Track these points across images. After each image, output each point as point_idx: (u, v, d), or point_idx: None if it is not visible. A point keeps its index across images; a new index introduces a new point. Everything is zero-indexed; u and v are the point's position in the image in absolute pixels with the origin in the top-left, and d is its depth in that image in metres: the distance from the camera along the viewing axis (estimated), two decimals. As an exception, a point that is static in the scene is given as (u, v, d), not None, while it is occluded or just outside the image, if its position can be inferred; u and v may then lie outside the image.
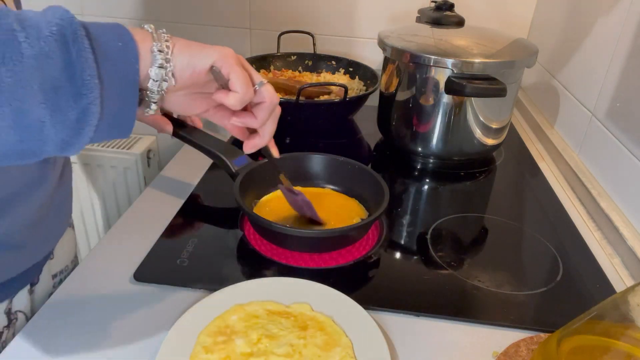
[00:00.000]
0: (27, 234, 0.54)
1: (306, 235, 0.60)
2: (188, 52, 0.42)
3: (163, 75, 0.41)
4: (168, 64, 0.41)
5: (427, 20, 0.90)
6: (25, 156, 0.36)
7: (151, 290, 0.55)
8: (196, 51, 0.43)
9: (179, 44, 0.42)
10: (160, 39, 0.40)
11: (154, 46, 0.40)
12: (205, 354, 0.45)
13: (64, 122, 0.35)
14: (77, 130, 0.36)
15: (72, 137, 0.36)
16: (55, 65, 0.34)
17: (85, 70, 0.35)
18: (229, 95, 0.44)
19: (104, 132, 0.38)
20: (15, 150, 0.35)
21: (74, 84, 0.34)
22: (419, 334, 0.52)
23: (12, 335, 0.55)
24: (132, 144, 1.40)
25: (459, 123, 0.82)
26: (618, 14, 0.79)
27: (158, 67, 0.40)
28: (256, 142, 0.51)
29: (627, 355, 0.39)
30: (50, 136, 0.35)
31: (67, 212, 0.64)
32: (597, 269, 0.63)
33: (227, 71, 0.43)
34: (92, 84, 0.35)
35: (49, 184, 0.55)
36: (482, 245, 0.68)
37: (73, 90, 0.35)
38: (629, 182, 0.70)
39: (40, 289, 0.61)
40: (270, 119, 0.49)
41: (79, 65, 0.34)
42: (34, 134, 0.34)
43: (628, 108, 0.73)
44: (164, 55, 0.40)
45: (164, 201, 0.72)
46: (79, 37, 0.35)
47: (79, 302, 0.53)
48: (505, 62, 0.77)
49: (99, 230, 1.49)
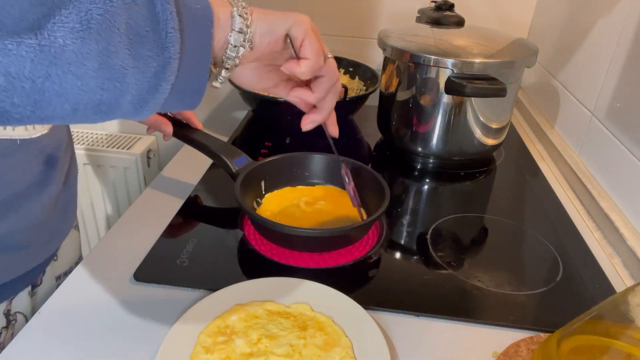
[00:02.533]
0: (31, 235, 0.54)
1: (306, 235, 0.60)
2: (267, 18, 0.42)
3: (242, 40, 0.40)
4: (248, 29, 0.40)
5: (427, 20, 0.90)
6: (101, 109, 0.35)
7: (151, 290, 0.55)
8: (275, 17, 0.43)
9: (257, 10, 0.42)
10: (238, 5, 0.40)
11: (234, 11, 0.40)
12: (205, 354, 0.45)
13: (145, 73, 0.35)
14: (154, 85, 0.35)
15: (149, 92, 0.36)
16: (140, 12, 0.33)
17: (169, 23, 0.34)
18: (300, 63, 0.43)
19: (176, 95, 0.38)
20: (94, 100, 0.34)
21: (158, 34, 0.34)
22: (419, 334, 0.52)
23: (10, 337, 0.55)
24: (132, 144, 1.40)
25: (459, 123, 0.82)
26: (618, 14, 0.79)
27: (238, 32, 0.40)
28: (313, 117, 0.49)
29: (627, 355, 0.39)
30: (131, 86, 0.34)
31: (71, 213, 0.64)
32: (597, 269, 0.63)
33: (302, 36, 0.43)
34: (174, 37, 0.35)
35: (54, 186, 0.55)
36: (482, 245, 0.68)
37: (156, 41, 0.34)
38: (629, 182, 0.70)
39: (43, 291, 0.61)
40: (330, 94, 0.47)
41: (163, 17, 0.34)
42: (115, 81, 0.34)
43: (628, 108, 0.73)
44: (244, 20, 0.40)
45: (164, 201, 0.72)
46: None
47: (79, 302, 0.53)
48: (505, 62, 0.77)
49: (99, 230, 1.49)
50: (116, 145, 1.39)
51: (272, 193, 0.71)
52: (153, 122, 0.69)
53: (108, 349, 0.48)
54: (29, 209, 0.52)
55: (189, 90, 0.39)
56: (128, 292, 0.55)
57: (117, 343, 0.48)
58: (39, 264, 0.58)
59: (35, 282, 0.60)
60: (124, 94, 0.35)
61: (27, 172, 0.51)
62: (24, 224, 0.52)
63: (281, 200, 0.69)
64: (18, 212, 0.50)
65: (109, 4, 0.31)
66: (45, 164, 0.53)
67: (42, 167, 0.53)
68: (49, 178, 0.54)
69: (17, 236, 0.52)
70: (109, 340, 0.49)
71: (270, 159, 0.70)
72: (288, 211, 0.67)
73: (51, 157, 0.54)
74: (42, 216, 0.54)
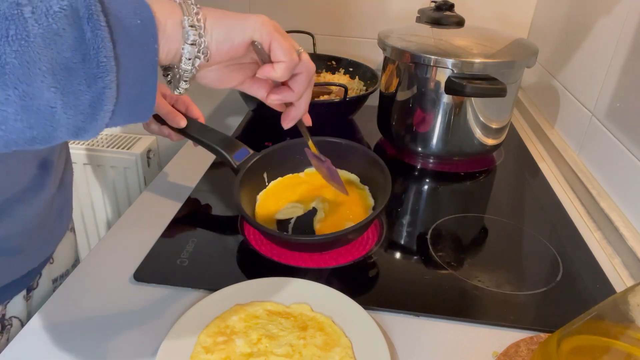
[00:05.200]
0: (26, 239, 0.53)
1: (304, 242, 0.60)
2: (224, 24, 0.39)
3: (196, 52, 0.38)
4: (202, 39, 0.38)
5: (427, 20, 0.90)
6: (36, 142, 0.33)
7: (151, 290, 0.55)
8: (233, 22, 0.40)
9: (211, 15, 0.39)
10: (190, 12, 0.37)
11: (184, 20, 0.37)
12: (205, 354, 0.45)
13: (77, 107, 0.32)
14: (91, 115, 0.33)
15: (86, 122, 0.33)
16: (67, 44, 0.30)
17: (101, 52, 0.31)
18: (275, 67, 0.41)
19: (121, 116, 0.35)
20: (24, 137, 0.32)
21: (88, 65, 0.31)
22: (419, 334, 0.52)
23: (6, 341, 0.55)
24: (132, 144, 1.40)
25: (459, 123, 0.82)
26: (618, 14, 0.79)
27: (190, 45, 0.37)
28: (294, 114, 0.48)
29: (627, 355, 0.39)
30: (62, 122, 0.32)
31: (66, 216, 0.63)
32: (597, 269, 0.63)
33: (268, 41, 0.41)
34: (109, 65, 0.32)
35: (48, 189, 0.54)
36: (482, 245, 0.68)
37: (87, 73, 0.31)
38: (629, 182, 0.70)
39: (39, 294, 0.61)
40: (307, 90, 0.46)
41: (94, 45, 0.31)
42: (44, 120, 0.31)
43: (628, 108, 0.73)
44: (196, 31, 0.37)
45: (164, 201, 0.72)
46: (94, 12, 0.31)
47: (79, 302, 0.53)
48: (505, 62, 0.77)
49: (99, 230, 1.49)
50: (116, 145, 1.39)
51: (277, 180, 0.71)
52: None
53: (108, 349, 0.48)
54: (23, 213, 0.51)
55: (134, 108, 0.36)
56: (128, 292, 0.55)
57: (117, 343, 0.48)
58: (34, 267, 0.57)
59: (30, 286, 0.59)
60: (57, 129, 0.33)
61: (22, 176, 0.50)
62: (19, 228, 0.51)
63: (286, 188, 0.70)
64: (12, 217, 0.50)
65: (26, 45, 0.29)
66: (39, 168, 0.52)
67: (36, 171, 0.52)
68: (43, 182, 0.53)
69: (11, 240, 0.51)
70: (109, 340, 0.49)
71: (270, 149, 0.70)
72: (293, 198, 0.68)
73: (45, 161, 0.53)
74: (36, 220, 0.54)
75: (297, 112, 0.48)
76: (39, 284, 0.60)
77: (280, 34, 0.42)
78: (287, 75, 0.43)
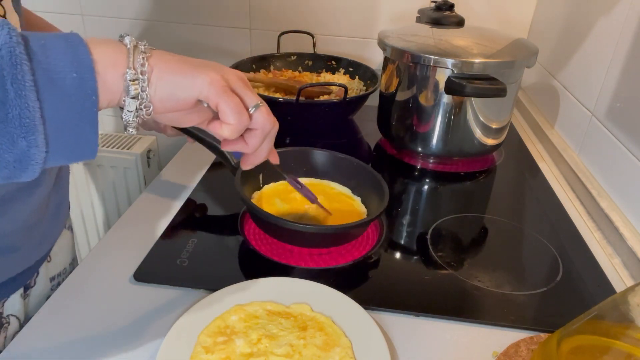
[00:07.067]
0: (22, 237, 0.53)
1: (309, 231, 0.60)
2: (170, 81, 0.37)
3: (138, 105, 0.36)
4: (144, 93, 0.36)
5: (427, 20, 0.90)
6: None
7: (151, 291, 0.55)
8: (179, 79, 0.38)
9: (158, 67, 0.37)
10: (135, 63, 0.36)
11: (127, 74, 0.35)
12: (205, 354, 0.45)
13: (2, 163, 0.32)
14: (19, 169, 0.32)
15: (15, 174, 0.33)
16: None
17: (24, 112, 0.30)
18: (222, 127, 0.40)
19: (58, 161, 0.34)
20: None
21: (9, 126, 0.30)
22: (419, 334, 0.52)
23: (3, 340, 0.55)
24: (132, 144, 1.40)
25: (459, 123, 0.82)
26: (618, 14, 0.79)
27: (132, 98, 0.36)
28: (253, 160, 0.47)
29: (627, 355, 0.39)
30: None
31: (63, 215, 0.63)
32: (597, 269, 0.63)
33: (214, 102, 0.39)
34: (31, 126, 0.31)
35: (44, 188, 0.54)
36: (482, 245, 0.68)
37: (8, 133, 0.30)
38: (629, 182, 0.70)
39: (37, 292, 0.61)
40: (266, 141, 0.44)
41: (16, 106, 0.30)
42: None
43: (628, 108, 0.73)
44: (138, 85, 0.36)
45: (164, 201, 0.72)
46: (20, 72, 0.30)
47: (79, 302, 0.53)
48: (505, 62, 0.77)
49: (99, 230, 1.49)
50: (116, 145, 1.39)
51: (271, 185, 0.71)
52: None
53: (108, 349, 0.48)
54: (19, 211, 0.51)
55: (75, 152, 0.35)
56: (128, 292, 0.55)
57: (117, 343, 0.48)
58: (30, 265, 0.57)
59: (28, 284, 0.59)
60: None
61: None
62: (14, 226, 0.51)
63: (281, 194, 0.69)
64: (8, 215, 0.50)
65: None
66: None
67: None
68: (38, 180, 0.53)
69: (7, 239, 0.51)
70: (109, 340, 0.49)
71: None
72: (288, 204, 0.68)
73: None
74: (32, 218, 0.54)
75: (256, 159, 0.46)
76: (36, 282, 0.60)
77: (228, 94, 0.39)
78: (235, 135, 0.41)
